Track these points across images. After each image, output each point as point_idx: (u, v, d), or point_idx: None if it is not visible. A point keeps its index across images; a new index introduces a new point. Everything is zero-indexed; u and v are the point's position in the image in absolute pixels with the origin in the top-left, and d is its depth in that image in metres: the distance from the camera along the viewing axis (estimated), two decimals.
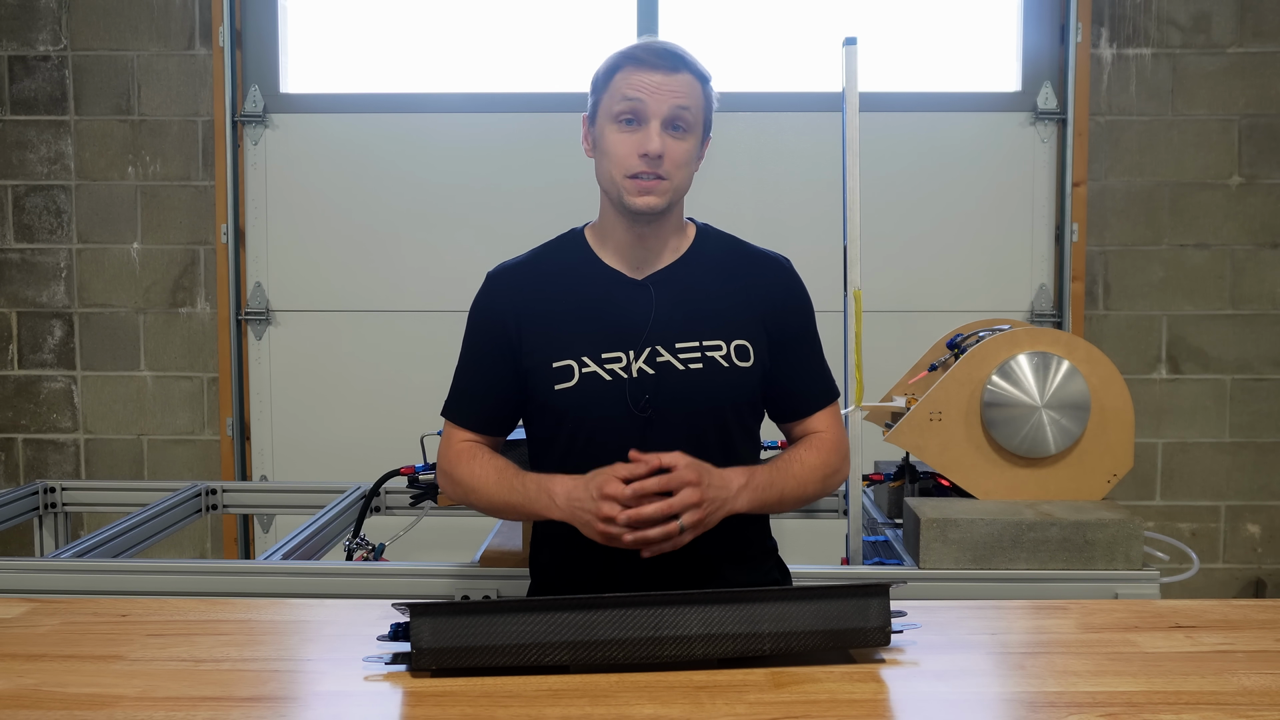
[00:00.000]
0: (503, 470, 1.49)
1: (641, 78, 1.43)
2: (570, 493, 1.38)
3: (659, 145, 1.42)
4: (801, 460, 1.51)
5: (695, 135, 1.47)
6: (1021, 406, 1.99)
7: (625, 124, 1.44)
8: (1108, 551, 1.84)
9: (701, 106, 1.47)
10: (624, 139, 1.44)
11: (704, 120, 1.48)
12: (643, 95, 1.42)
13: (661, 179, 1.44)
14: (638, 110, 1.43)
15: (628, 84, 1.43)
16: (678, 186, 1.46)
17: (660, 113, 1.42)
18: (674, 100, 1.42)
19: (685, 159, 1.45)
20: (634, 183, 1.44)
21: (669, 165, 1.43)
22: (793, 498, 1.49)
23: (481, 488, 1.49)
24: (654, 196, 1.44)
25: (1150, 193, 3.40)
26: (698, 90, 1.46)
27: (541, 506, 1.42)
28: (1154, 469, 3.45)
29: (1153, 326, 3.43)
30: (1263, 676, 1.09)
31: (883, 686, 1.08)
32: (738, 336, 1.49)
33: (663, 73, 1.43)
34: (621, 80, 1.44)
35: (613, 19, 3.42)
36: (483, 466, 1.50)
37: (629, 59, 1.45)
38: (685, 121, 1.44)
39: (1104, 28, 3.36)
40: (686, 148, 1.45)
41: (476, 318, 1.56)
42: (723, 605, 1.11)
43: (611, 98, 1.45)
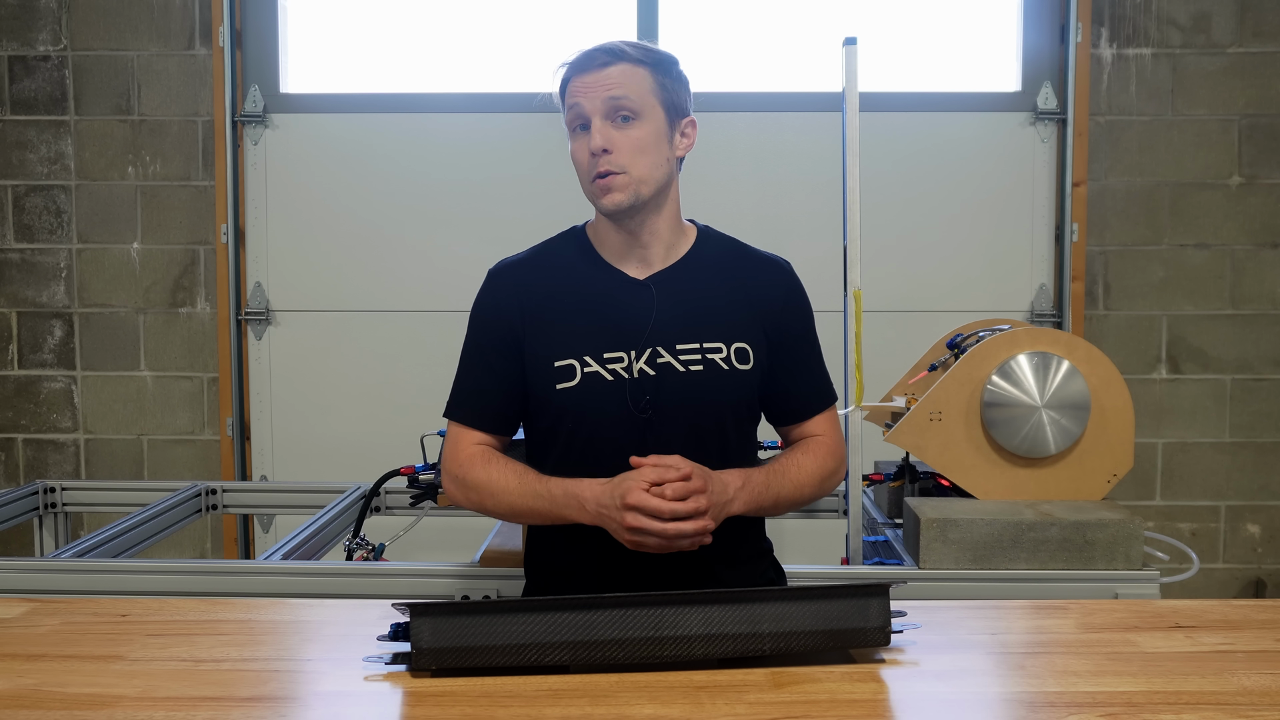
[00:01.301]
0: (523, 475, 1.45)
1: (577, 82, 1.46)
2: (599, 499, 1.38)
3: (600, 140, 1.43)
4: (799, 464, 1.51)
5: (649, 120, 1.45)
6: (1021, 406, 1.99)
7: (579, 130, 1.46)
8: (1108, 551, 1.84)
9: (650, 90, 1.45)
10: (580, 146, 1.46)
11: (663, 103, 1.46)
12: (579, 98, 1.45)
13: (616, 173, 1.43)
14: (581, 114, 1.45)
15: (570, 93, 1.47)
16: (641, 176, 1.45)
17: (597, 109, 1.43)
18: (606, 93, 1.43)
19: (637, 146, 1.44)
20: (596, 185, 1.45)
21: (622, 156, 1.43)
22: (788, 501, 1.49)
23: (501, 493, 1.45)
24: (616, 192, 1.44)
25: (1150, 193, 3.40)
26: (639, 75, 1.45)
27: (571, 512, 1.41)
28: (1154, 469, 3.45)
29: (1153, 326, 3.43)
30: (1263, 676, 1.09)
31: (883, 686, 1.08)
32: (738, 339, 1.49)
33: (593, 71, 1.44)
34: (569, 91, 1.47)
35: (613, 19, 3.42)
36: (500, 471, 1.47)
37: (570, 68, 1.48)
38: (628, 109, 1.44)
39: (1104, 28, 3.36)
40: (637, 135, 1.44)
41: (479, 315, 1.55)
42: (723, 605, 1.11)
43: (566, 110, 1.48)
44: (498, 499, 1.46)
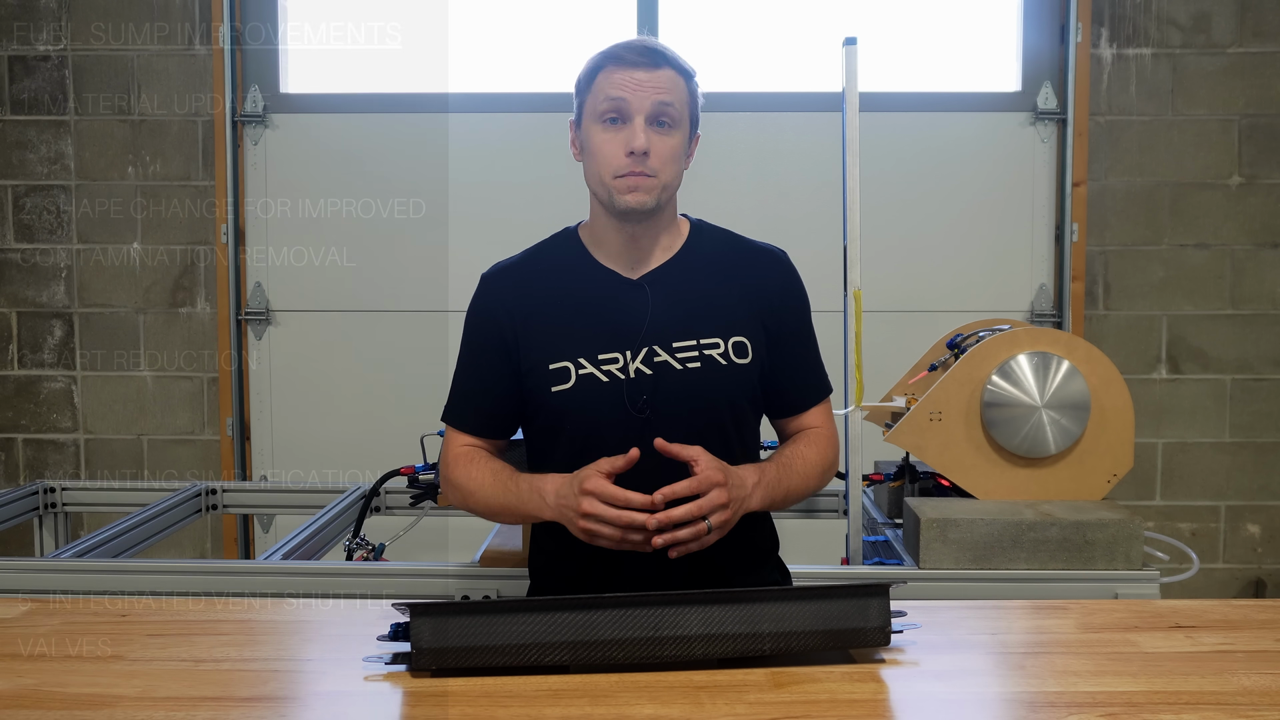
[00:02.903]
0: (498, 473, 1.48)
1: (623, 76, 1.42)
2: (559, 490, 1.38)
3: (644, 141, 1.41)
4: (804, 457, 1.52)
5: (681, 131, 1.46)
6: (1021, 406, 1.99)
7: (610, 123, 1.44)
8: (1108, 551, 1.84)
9: (686, 102, 1.46)
10: (609, 138, 1.44)
11: (690, 116, 1.48)
12: (625, 93, 1.42)
13: (649, 176, 1.43)
14: (621, 109, 1.42)
15: (610, 83, 1.43)
16: (666, 183, 1.45)
17: (644, 109, 1.42)
18: (656, 96, 1.42)
19: (672, 155, 1.45)
20: (622, 181, 1.43)
21: (656, 161, 1.43)
22: (796, 495, 1.50)
23: (478, 491, 1.49)
24: (643, 193, 1.43)
25: (1150, 193, 3.40)
26: (681, 85, 1.45)
27: (534, 507, 1.42)
28: (1154, 469, 3.45)
29: (1153, 326, 3.43)
30: (1263, 676, 1.08)
31: (883, 686, 1.08)
32: (735, 334, 1.49)
33: (644, 69, 1.42)
34: (604, 80, 1.44)
35: (613, 19, 3.42)
36: (479, 470, 1.49)
37: (610, 58, 1.44)
38: (670, 117, 1.43)
39: (1104, 28, 3.36)
40: (673, 143, 1.44)
41: (473, 319, 1.55)
42: (723, 605, 1.11)
43: (595, 98, 1.45)
44: (476, 498, 1.49)
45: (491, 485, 1.47)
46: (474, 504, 1.51)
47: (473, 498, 1.50)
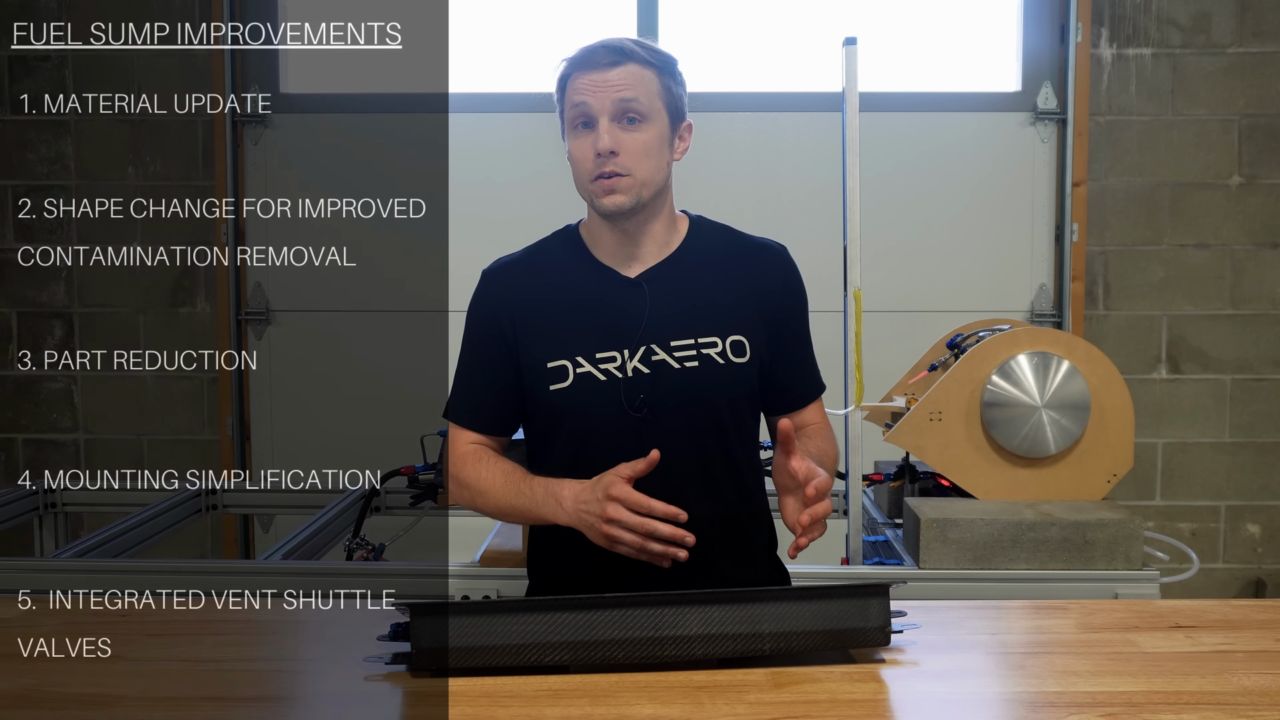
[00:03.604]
0: (510, 474, 1.47)
1: (585, 80, 1.43)
2: (578, 496, 1.37)
3: (609, 142, 1.41)
4: (826, 453, 1.54)
5: (655, 123, 1.45)
6: (1021, 406, 1.99)
7: (582, 128, 1.44)
8: (1108, 551, 1.84)
9: (657, 93, 1.45)
10: (581, 144, 1.44)
11: (668, 106, 1.46)
12: (586, 96, 1.42)
13: (622, 175, 1.42)
14: (586, 112, 1.43)
15: (574, 89, 1.44)
16: (645, 180, 1.44)
17: (605, 109, 1.42)
18: (617, 94, 1.42)
19: (644, 150, 1.44)
20: (597, 185, 1.43)
21: (627, 159, 1.42)
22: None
23: (489, 491, 1.47)
24: (619, 194, 1.43)
25: (1150, 193, 3.40)
26: (647, 78, 1.44)
27: (548, 512, 1.41)
28: (1154, 469, 3.44)
29: (1153, 326, 3.43)
30: (1263, 676, 1.09)
31: (883, 686, 1.08)
32: (734, 332, 1.49)
33: (601, 70, 1.42)
34: (570, 87, 1.45)
35: (613, 19, 3.42)
36: (489, 470, 1.48)
37: (572, 64, 1.45)
38: (637, 112, 1.42)
39: (1104, 28, 3.36)
40: (644, 139, 1.43)
41: (474, 316, 1.55)
42: (723, 605, 1.11)
43: (566, 106, 1.46)
44: (486, 498, 1.48)
45: (504, 487, 1.46)
46: (483, 504, 1.49)
47: (482, 498, 1.49)
